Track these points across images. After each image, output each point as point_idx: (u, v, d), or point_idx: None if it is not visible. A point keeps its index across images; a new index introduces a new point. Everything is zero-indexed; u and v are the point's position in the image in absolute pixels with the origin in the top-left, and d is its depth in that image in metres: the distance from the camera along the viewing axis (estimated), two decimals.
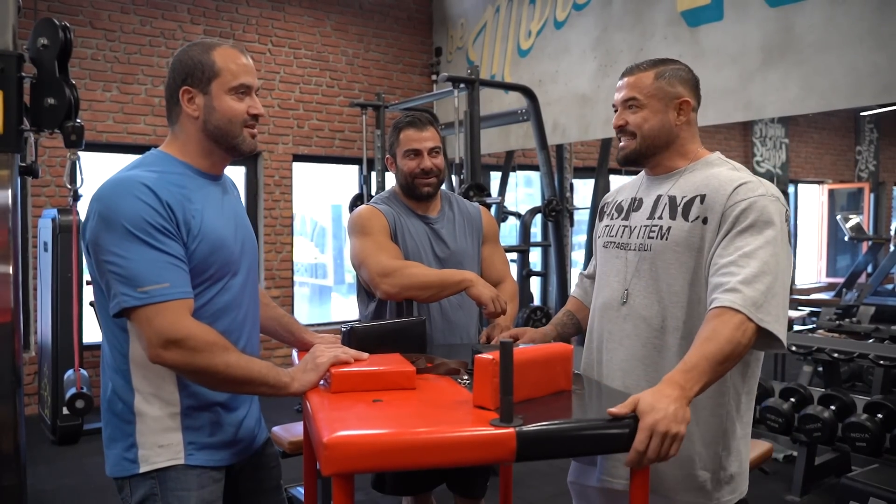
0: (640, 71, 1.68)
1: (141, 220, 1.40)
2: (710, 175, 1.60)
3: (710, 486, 1.58)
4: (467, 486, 2.37)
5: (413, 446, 1.21)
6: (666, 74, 1.65)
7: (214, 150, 1.57)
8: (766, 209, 1.49)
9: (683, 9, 4.97)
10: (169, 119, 1.58)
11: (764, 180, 1.58)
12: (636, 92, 1.66)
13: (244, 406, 1.64)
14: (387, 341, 1.78)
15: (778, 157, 10.60)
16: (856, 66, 4.05)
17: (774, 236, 1.47)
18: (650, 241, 1.61)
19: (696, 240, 1.55)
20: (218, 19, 6.12)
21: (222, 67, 1.53)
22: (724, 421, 1.58)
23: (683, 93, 1.65)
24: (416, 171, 2.22)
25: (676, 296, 1.57)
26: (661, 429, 1.25)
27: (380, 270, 2.07)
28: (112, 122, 5.60)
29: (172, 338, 1.37)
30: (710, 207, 1.54)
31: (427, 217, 2.29)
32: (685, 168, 1.65)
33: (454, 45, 7.11)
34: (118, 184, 1.45)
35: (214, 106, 1.53)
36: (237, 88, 1.54)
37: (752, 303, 1.40)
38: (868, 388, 5.44)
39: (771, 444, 2.92)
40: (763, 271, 1.43)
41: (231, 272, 1.56)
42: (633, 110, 1.66)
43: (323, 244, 7.81)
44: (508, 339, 1.27)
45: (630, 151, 1.68)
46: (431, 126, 2.27)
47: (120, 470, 1.50)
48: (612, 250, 1.73)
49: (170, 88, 1.55)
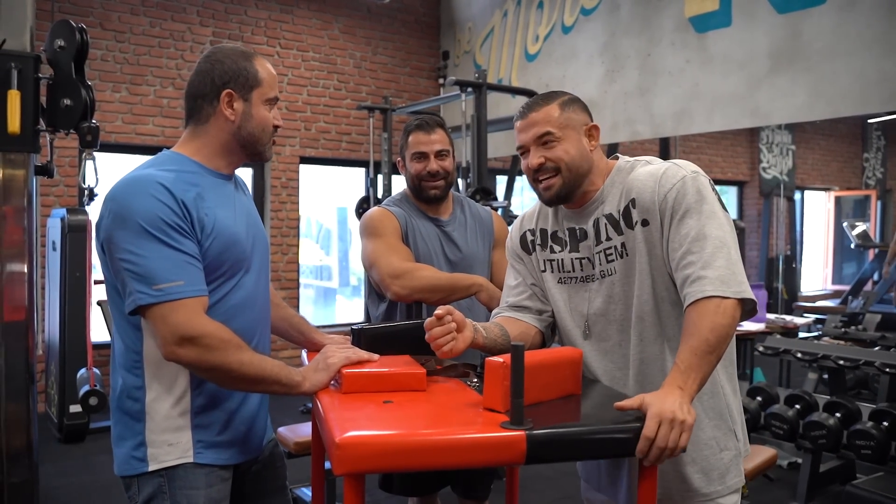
0: (542, 106, 1.64)
1: (157, 218, 1.41)
2: (630, 179, 1.61)
3: (734, 462, 1.63)
4: (471, 489, 2.38)
5: (424, 447, 1.22)
6: (568, 104, 1.64)
7: (237, 153, 1.61)
8: (693, 187, 1.52)
9: (691, 14, 4.98)
10: (192, 118, 1.59)
11: (677, 160, 1.61)
12: (548, 126, 1.61)
13: (253, 405, 1.65)
14: (396, 343, 1.79)
15: (784, 163, 10.59)
16: (864, 73, 4.05)
17: (711, 208, 1.51)
18: (611, 264, 1.62)
19: (647, 244, 1.57)
20: (227, 21, 6.15)
21: (264, 78, 1.58)
22: (724, 397, 1.62)
23: (587, 119, 1.66)
24: (422, 174, 2.24)
25: (647, 304, 1.58)
26: (668, 416, 1.27)
27: (391, 272, 2.08)
28: (121, 123, 5.63)
29: (187, 335, 1.39)
30: (646, 208, 1.56)
31: (438, 220, 2.30)
32: (604, 185, 1.66)
33: (462, 49, 7.13)
34: (133, 182, 1.46)
35: (252, 113, 1.57)
36: (272, 99, 1.60)
37: (720, 282, 1.43)
38: (874, 395, 5.43)
39: (775, 450, 2.92)
40: (717, 247, 1.47)
41: (243, 269, 1.58)
42: (549, 146, 1.62)
43: (328, 246, 7.83)
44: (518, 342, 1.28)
45: (559, 189, 1.63)
46: (440, 129, 2.28)
47: (128, 468, 1.51)
48: (574, 285, 1.70)
49: (204, 88, 1.56)
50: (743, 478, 1.65)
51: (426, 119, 2.30)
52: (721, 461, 1.60)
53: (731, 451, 1.62)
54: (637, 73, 5.40)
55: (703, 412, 1.58)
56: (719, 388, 1.61)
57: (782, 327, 4.78)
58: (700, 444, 1.58)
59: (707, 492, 1.59)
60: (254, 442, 1.66)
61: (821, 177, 11.39)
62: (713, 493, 1.60)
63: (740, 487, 1.65)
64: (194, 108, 1.58)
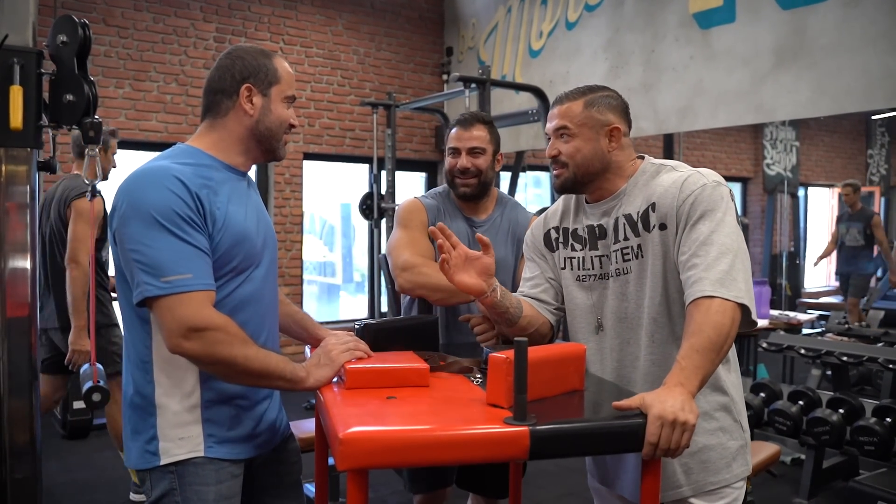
0: (569, 100, 1.68)
1: (170, 210, 1.41)
2: (654, 184, 1.64)
3: (741, 452, 1.65)
4: (483, 486, 2.37)
5: (428, 443, 1.23)
6: (595, 102, 1.66)
7: (253, 149, 1.62)
8: (709, 196, 1.55)
9: (695, 10, 4.96)
10: (210, 112, 1.60)
11: (702, 169, 1.63)
12: (567, 121, 1.66)
13: (265, 400, 1.65)
14: (400, 338, 1.80)
15: (788, 160, 10.57)
16: (868, 69, 4.04)
17: (723, 217, 1.53)
18: (626, 263, 1.65)
19: (662, 246, 1.60)
20: (230, 17, 6.14)
21: (282, 75, 1.61)
22: (726, 390, 1.64)
23: (613, 120, 1.66)
24: (454, 170, 2.23)
25: (660, 306, 1.61)
26: (670, 417, 1.28)
27: (400, 264, 2.11)
28: (124, 119, 5.63)
29: (193, 327, 1.38)
30: (664, 213, 1.59)
31: (472, 220, 2.28)
32: (626, 186, 1.68)
33: (465, 45, 7.12)
34: (148, 174, 1.46)
35: (271, 109, 1.59)
36: (290, 98, 1.63)
37: (720, 284, 1.45)
38: (877, 392, 5.43)
39: (779, 446, 2.92)
40: (722, 252, 1.49)
41: (254, 264, 1.58)
42: (564, 140, 1.67)
43: (332, 242, 7.83)
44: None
45: (565, 180, 1.69)
46: (481, 125, 2.24)
47: (142, 462, 1.52)
48: (592, 283, 1.73)
49: (224, 83, 1.57)
50: (750, 467, 1.67)
51: (467, 115, 2.28)
52: (728, 450, 1.62)
53: (737, 440, 1.64)
54: (641, 69, 5.38)
55: (706, 404, 1.59)
56: (722, 384, 1.63)
57: (786, 323, 4.77)
58: (706, 433, 1.60)
59: (713, 480, 1.61)
60: (266, 436, 1.66)
61: (825, 173, 11.36)
62: (719, 482, 1.62)
63: (747, 476, 1.66)
64: (213, 102, 1.59)
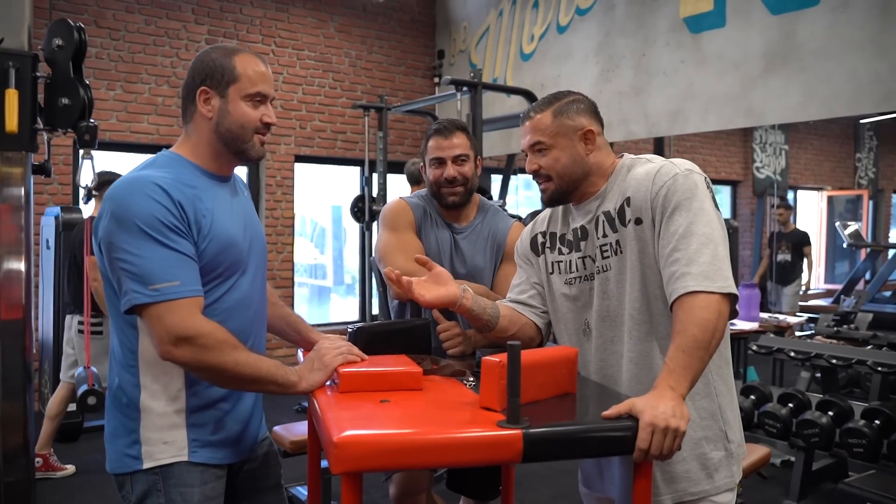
0: (538, 112, 1.67)
1: (153, 218, 1.42)
2: (629, 178, 1.63)
3: (724, 463, 1.61)
4: (472, 488, 2.38)
5: (422, 446, 1.23)
6: (563, 110, 1.65)
7: (223, 152, 1.59)
8: (682, 185, 1.53)
9: (686, 15, 5.00)
10: (184, 118, 1.61)
11: (675, 159, 1.61)
12: (539, 135, 1.66)
13: (248, 405, 1.65)
14: (392, 342, 1.80)
15: (778, 163, 10.63)
16: (857, 74, 4.08)
17: (700, 206, 1.52)
18: (606, 260, 1.64)
19: (639, 242, 1.59)
20: (222, 20, 6.14)
21: (241, 73, 1.55)
22: (716, 397, 1.62)
23: (585, 123, 1.66)
24: (440, 180, 2.19)
25: (637, 301, 1.60)
26: (661, 424, 1.28)
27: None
28: (116, 121, 5.62)
29: (183, 335, 1.39)
30: (639, 207, 1.58)
31: (454, 226, 2.27)
32: (607, 184, 1.68)
33: (457, 49, 7.14)
34: (131, 183, 1.47)
35: (229, 110, 1.55)
36: (253, 96, 1.56)
37: (703, 277, 1.44)
38: (866, 394, 5.45)
39: (769, 448, 2.94)
40: (702, 243, 1.47)
41: (240, 270, 1.59)
42: (542, 153, 1.66)
43: (323, 245, 7.83)
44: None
45: (553, 193, 1.69)
46: (460, 132, 2.21)
47: (121, 466, 1.52)
48: (579, 285, 1.72)
49: (187, 87, 1.58)
50: (736, 478, 1.64)
51: (445, 123, 2.24)
52: (710, 461, 1.60)
53: (720, 451, 1.61)
54: (632, 72, 5.41)
55: (694, 412, 1.57)
56: (712, 389, 1.61)
57: (775, 326, 4.80)
58: (690, 443, 1.56)
59: (693, 490, 1.59)
60: (248, 441, 1.66)
61: (814, 176, 11.44)
62: (701, 493, 1.60)
63: (734, 486, 1.65)
64: (184, 108, 1.60)
